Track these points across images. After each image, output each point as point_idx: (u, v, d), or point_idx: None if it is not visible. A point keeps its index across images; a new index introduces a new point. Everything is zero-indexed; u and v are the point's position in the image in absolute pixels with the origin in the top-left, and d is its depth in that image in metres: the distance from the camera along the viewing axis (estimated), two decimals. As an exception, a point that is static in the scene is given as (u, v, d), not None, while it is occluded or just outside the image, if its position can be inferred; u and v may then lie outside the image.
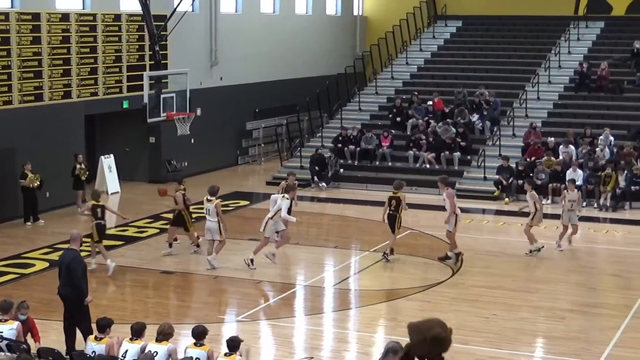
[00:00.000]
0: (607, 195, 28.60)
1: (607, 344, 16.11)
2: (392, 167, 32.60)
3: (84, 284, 14.71)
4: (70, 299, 14.70)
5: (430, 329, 9.07)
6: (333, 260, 22.85)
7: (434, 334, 8.97)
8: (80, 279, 14.56)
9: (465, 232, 25.21)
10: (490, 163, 31.12)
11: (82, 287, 14.62)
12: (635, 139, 31.14)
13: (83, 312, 14.71)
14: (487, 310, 18.05)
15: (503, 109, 34.24)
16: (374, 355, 15.85)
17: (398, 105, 34.70)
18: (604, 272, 22.02)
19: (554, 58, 36.97)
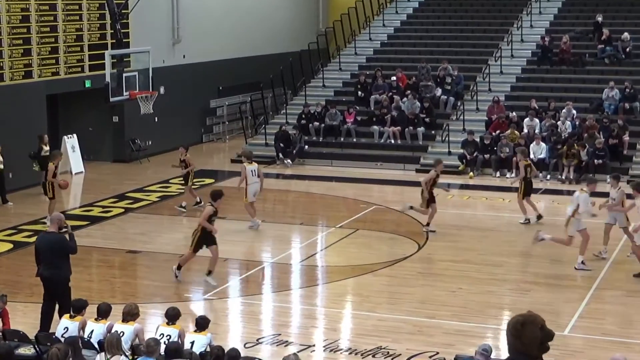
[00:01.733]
0: (570, 168, 28.80)
1: (572, 315, 16.28)
2: (356, 143, 32.64)
3: (68, 266, 14.64)
4: (54, 281, 14.60)
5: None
6: (299, 237, 22.87)
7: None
8: (64, 261, 14.48)
9: (430, 207, 25.32)
10: (455, 137, 31.24)
11: (66, 269, 14.56)
12: (597, 111, 31.36)
13: (66, 294, 14.60)
14: (454, 284, 18.16)
15: (466, 84, 34.34)
16: (341, 331, 15.94)
17: (362, 81, 34.70)
18: (568, 244, 22.16)
19: (517, 32, 37.09)
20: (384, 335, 15.27)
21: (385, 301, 17.37)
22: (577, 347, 14.79)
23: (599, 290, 17.82)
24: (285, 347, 14.69)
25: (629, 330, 15.65)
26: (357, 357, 14.39)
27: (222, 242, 21.28)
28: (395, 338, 15.10)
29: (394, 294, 17.78)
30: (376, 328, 15.70)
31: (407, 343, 14.87)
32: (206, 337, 12.43)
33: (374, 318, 16.31)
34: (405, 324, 15.87)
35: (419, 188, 27.31)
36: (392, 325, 15.85)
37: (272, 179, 29.48)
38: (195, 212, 23.54)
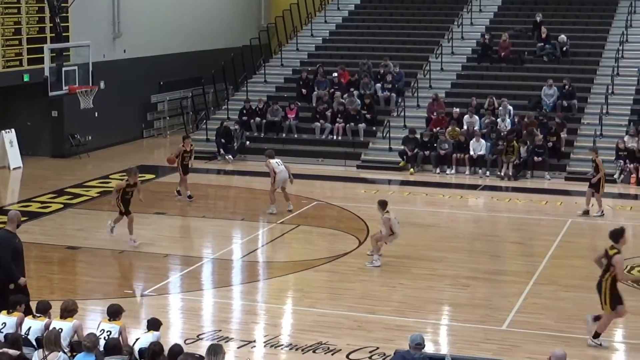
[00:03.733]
0: (510, 165, 29.11)
1: (510, 310, 16.46)
2: (298, 138, 32.65)
3: (16, 266, 14.14)
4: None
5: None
6: (240, 233, 22.84)
7: None
8: (9, 261, 14.01)
9: (371, 203, 25.41)
10: (395, 134, 31.39)
11: (12, 269, 14.06)
12: (536, 109, 31.73)
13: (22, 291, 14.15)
14: (393, 280, 18.27)
15: (407, 80, 34.50)
16: (282, 326, 15.96)
17: (304, 77, 34.71)
18: (507, 239, 22.46)
19: (457, 29, 37.36)
20: (324, 330, 15.31)
21: (326, 297, 17.42)
22: (515, 342, 14.97)
23: (536, 285, 18.04)
24: (225, 342, 14.65)
25: (566, 324, 15.84)
26: (297, 352, 14.42)
27: (162, 238, 21.31)
28: (335, 333, 15.15)
29: (334, 290, 17.84)
30: (317, 323, 15.74)
31: (348, 338, 14.93)
32: (153, 335, 12.33)
33: (315, 314, 16.34)
34: (346, 320, 15.94)
35: (359, 184, 27.54)
36: (332, 320, 15.90)
37: (212, 174, 29.46)
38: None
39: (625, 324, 16.14)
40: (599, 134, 30.18)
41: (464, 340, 15.06)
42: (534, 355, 13.51)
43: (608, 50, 35.02)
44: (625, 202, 26.28)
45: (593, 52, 35.27)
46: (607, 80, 32.80)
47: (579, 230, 22.79)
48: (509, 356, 14.01)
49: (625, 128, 30.20)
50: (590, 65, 34.56)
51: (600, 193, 24.19)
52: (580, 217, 23.84)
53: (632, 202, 26.44)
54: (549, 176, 29.07)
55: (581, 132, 31.00)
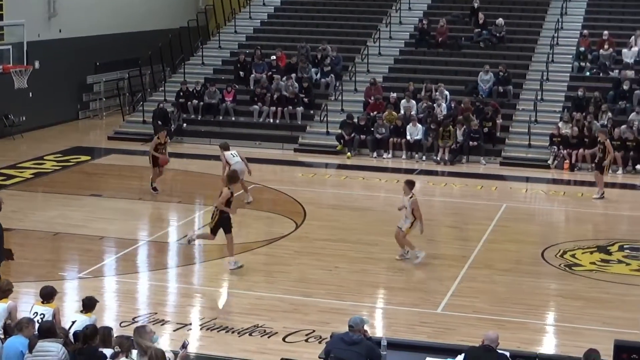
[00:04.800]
0: (446, 150, 29.35)
1: (445, 294, 16.63)
2: (235, 121, 32.57)
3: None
4: None
5: None
6: (177, 216, 22.74)
7: None
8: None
9: (308, 187, 25.54)
10: (333, 118, 31.45)
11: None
12: (473, 94, 32.00)
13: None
14: (330, 263, 18.34)
15: (345, 64, 34.57)
16: (218, 309, 15.95)
17: (241, 60, 34.58)
18: (442, 224, 22.63)
19: (395, 14, 37.49)
20: (260, 313, 15.34)
21: (263, 280, 17.44)
22: (450, 325, 15.13)
23: (471, 269, 18.23)
24: (161, 325, 14.62)
25: (500, 307, 16.05)
26: (233, 335, 14.43)
27: (97, 220, 21.16)
28: (272, 316, 15.19)
29: (271, 273, 17.87)
30: (253, 306, 15.76)
31: (284, 321, 14.97)
32: (90, 318, 12.20)
33: (251, 296, 16.36)
34: (282, 303, 15.98)
35: (296, 167, 27.60)
36: (269, 303, 15.93)
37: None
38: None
39: (556, 307, 16.42)
40: (534, 120, 30.55)
41: (400, 324, 15.19)
42: (468, 337, 13.64)
43: (543, 37, 35.43)
44: (559, 188, 26.67)
45: (529, 39, 35.66)
46: (542, 67, 33.19)
47: (513, 214, 23.06)
48: (443, 339, 14.14)
49: (559, 114, 30.59)
50: (525, 52, 34.94)
51: (603, 175, 24.81)
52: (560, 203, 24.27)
53: (565, 187, 26.82)
54: (484, 161, 29.37)
55: (516, 118, 31.34)
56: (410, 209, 18.26)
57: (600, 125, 29.18)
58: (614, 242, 20.31)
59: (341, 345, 10.93)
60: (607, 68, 32.98)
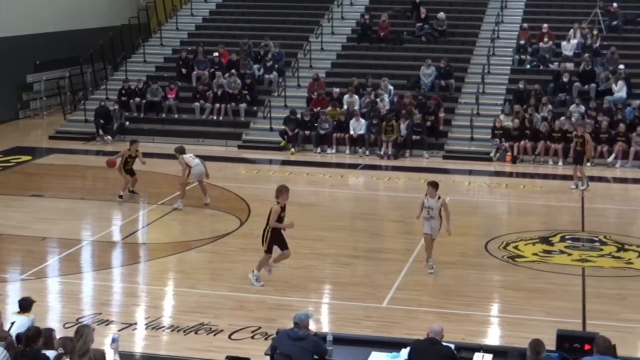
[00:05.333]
0: (389, 144, 29.47)
1: (390, 288, 16.70)
2: (178, 119, 32.43)
3: None
4: None
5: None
6: (120, 214, 22.56)
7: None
8: None
9: (252, 183, 25.50)
10: (276, 114, 31.43)
11: None
12: (415, 88, 32.16)
13: None
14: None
15: (288, 60, 34.56)
16: (163, 308, 15.87)
17: (183, 57, 34.43)
18: (387, 218, 22.74)
19: (337, 9, 37.55)
20: (206, 311, 15.30)
21: (208, 277, 17.40)
22: (395, 319, 15.20)
23: (416, 262, 18.32)
24: (106, 325, 14.52)
25: (444, 300, 16.16)
26: (179, 334, 14.37)
27: (40, 221, 20.93)
28: (217, 314, 15.15)
29: (216, 270, 17.83)
30: (198, 304, 15.71)
31: (230, 319, 14.94)
32: (28, 318, 12.10)
33: (196, 294, 16.30)
34: (228, 300, 15.94)
35: (240, 164, 27.57)
36: (214, 301, 15.89)
37: (92, 155, 29.02)
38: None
39: (500, 298, 16.58)
40: (476, 113, 30.79)
41: (345, 318, 15.22)
42: (413, 331, 13.71)
43: (484, 30, 35.73)
44: (501, 180, 26.91)
45: (469, 33, 35.93)
46: (483, 60, 33.47)
47: (456, 207, 23.10)
48: (389, 333, 14.22)
49: (501, 107, 30.89)
50: (467, 45, 35.21)
51: (583, 166, 25.18)
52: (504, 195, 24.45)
53: (507, 179, 27.06)
54: (428, 155, 29.55)
55: (458, 112, 31.58)
56: (437, 210, 17.48)
57: (541, 117, 29.52)
58: (556, 233, 20.56)
59: (287, 341, 10.94)
60: (547, 61, 33.35)
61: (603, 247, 19.52)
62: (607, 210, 23.66)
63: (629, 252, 19.18)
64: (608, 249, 19.37)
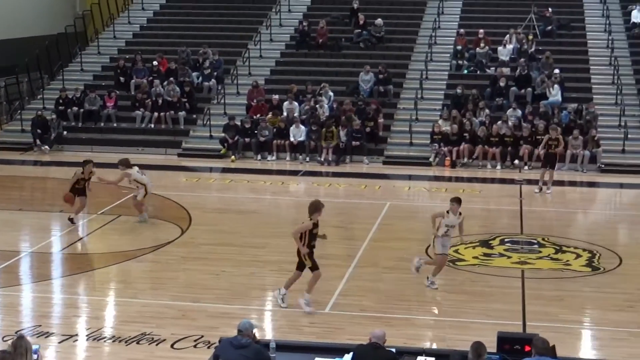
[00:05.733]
0: (329, 150, 29.56)
1: (332, 294, 16.73)
2: (117, 127, 32.24)
3: None
4: None
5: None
6: (59, 225, 22.32)
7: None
8: None
9: (193, 191, 25.42)
10: (216, 121, 31.40)
11: None
12: (354, 94, 32.30)
13: None
14: (217, 267, 18.28)
15: (227, 68, 34.53)
16: (105, 319, 15.73)
17: (121, 65, 34.22)
18: (328, 224, 22.56)
19: (275, 16, 37.60)
20: (148, 321, 15.19)
21: (149, 287, 17.29)
22: (338, 324, 15.23)
23: (357, 268, 18.40)
24: (46, 338, 14.35)
25: (386, 305, 16.24)
26: (121, 344, 14.25)
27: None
28: (159, 323, 15.06)
29: (157, 279, 17.72)
30: (140, 314, 15.60)
31: (172, 328, 14.86)
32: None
33: (138, 304, 16.18)
34: (170, 309, 15.85)
35: (180, 172, 27.44)
36: (156, 310, 15.79)
37: (29, 166, 28.71)
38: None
39: (441, 302, 16.70)
40: (415, 118, 31.03)
41: (288, 325, 15.22)
42: (356, 336, 13.75)
43: (421, 36, 36.03)
44: (441, 184, 27.16)
45: (407, 39, 36.20)
46: (421, 66, 33.74)
47: (396, 212, 23.37)
48: (332, 338, 14.24)
49: (439, 112, 31.16)
50: (404, 51, 35.47)
51: (554, 169, 25.61)
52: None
53: (446, 184, 27.31)
54: (368, 160, 29.71)
55: (397, 117, 31.81)
56: (456, 227, 16.93)
57: (479, 122, 29.82)
58: (495, 236, 20.78)
59: (230, 350, 10.92)
60: (483, 66, 33.72)
61: (541, 249, 19.77)
62: (545, 213, 23.98)
63: (567, 253, 19.45)
64: (546, 251, 19.62)
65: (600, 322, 15.56)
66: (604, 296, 16.80)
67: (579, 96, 31.86)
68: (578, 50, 35.06)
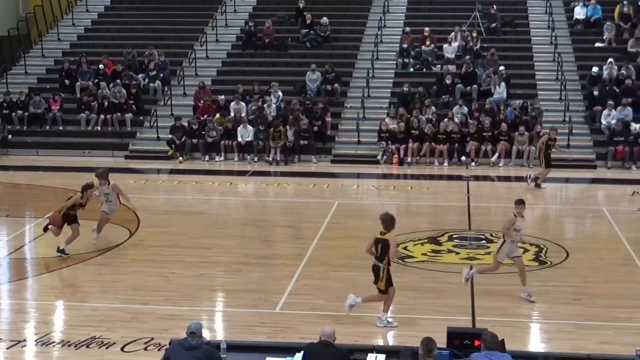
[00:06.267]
0: (277, 150, 29.55)
1: (282, 293, 16.73)
2: (63, 131, 31.96)
3: None
4: None
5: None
6: (6, 230, 22.09)
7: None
8: None
9: (141, 193, 25.24)
10: (163, 123, 31.25)
11: None
12: (301, 94, 32.33)
13: None
14: (166, 269, 18.18)
15: (173, 69, 34.39)
16: (54, 323, 15.59)
17: (66, 67, 33.93)
18: (277, 224, 22.80)
19: (221, 17, 37.51)
20: (97, 324, 15.08)
21: (98, 290, 17.16)
22: (289, 324, 15.23)
23: (307, 267, 18.41)
24: (-6, 344, 14.21)
25: (336, 303, 16.25)
26: (70, 349, 14.13)
27: None
28: (109, 327, 14.95)
29: (106, 283, 17.59)
30: (89, 318, 15.48)
31: (122, 331, 14.77)
32: None
33: (87, 308, 16.07)
34: (119, 312, 15.75)
35: (128, 174, 27.27)
36: (105, 314, 15.68)
37: (-26, 171, 28.36)
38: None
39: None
40: (362, 117, 31.12)
41: (239, 326, 15.19)
42: (306, 335, 13.75)
43: (367, 35, 36.16)
44: (389, 182, 27.27)
45: (353, 38, 36.31)
46: (367, 65, 33.86)
47: (345, 211, 23.42)
48: (282, 338, 14.24)
49: (386, 110, 31.28)
50: (351, 50, 35.58)
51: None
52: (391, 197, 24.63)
53: (394, 181, 27.44)
54: (316, 160, 29.76)
55: (345, 116, 31.88)
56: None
57: (426, 119, 29.99)
58: (444, 232, 20.91)
59: (180, 351, 10.89)
60: (429, 63, 33.92)
61: (489, 244, 19.91)
62: (492, 209, 24.17)
63: (514, 248, 19.61)
64: (494, 247, 19.72)
65: (548, 315, 15.73)
66: (551, 290, 16.99)
67: (524, 92, 32.18)
68: (522, 47, 35.40)
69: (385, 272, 14.85)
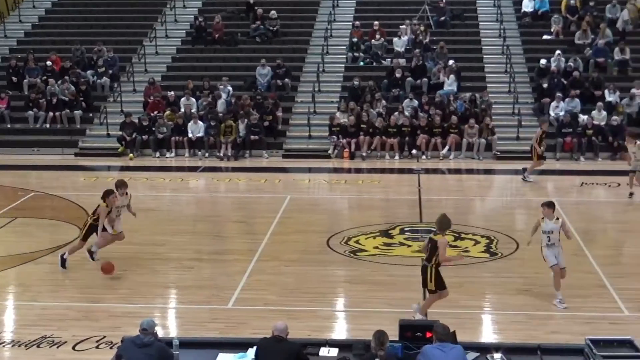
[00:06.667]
0: (228, 145, 29.49)
1: (235, 289, 16.71)
2: (11, 128, 31.63)
3: None
4: None
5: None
6: (-46, 230, 21.86)
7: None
8: None
9: (91, 191, 25.03)
10: (113, 119, 31.04)
11: None
12: (252, 88, 32.29)
13: None
14: (118, 266, 18.05)
15: (122, 65, 34.17)
16: (4, 323, 15.45)
17: (13, 65, 33.56)
18: (229, 219, 22.77)
19: (170, 12, 37.33)
20: (48, 324, 14.96)
21: (49, 289, 17.01)
22: (241, 319, 15.22)
23: (259, 262, 18.40)
24: (-57, 345, 14.04)
25: (289, 298, 16.29)
26: (20, 349, 14.02)
27: None
28: (60, 326, 14.85)
29: (57, 281, 17.45)
30: (40, 317, 15.36)
31: (73, 329, 14.67)
32: None
33: (38, 307, 15.93)
34: (70, 311, 15.64)
35: (78, 172, 27.05)
36: (56, 313, 15.56)
37: None
38: None
39: (343, 293, 16.82)
40: (313, 111, 31.15)
41: (191, 322, 15.16)
42: (259, 330, 13.77)
43: (317, 29, 36.20)
44: (340, 176, 27.33)
45: (303, 32, 36.32)
46: (317, 59, 33.89)
47: (297, 205, 23.45)
48: (235, 333, 14.24)
49: (337, 104, 31.33)
50: (301, 44, 35.59)
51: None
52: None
53: (346, 175, 27.51)
54: (267, 154, 29.74)
55: (295, 110, 31.89)
56: (558, 234, 15.74)
57: (377, 113, 30.09)
58: (395, 225, 21.00)
59: (133, 349, 10.84)
60: (379, 57, 34.03)
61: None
62: (443, 201, 24.30)
63: (465, 240, 19.76)
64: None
65: (499, 306, 15.87)
66: (502, 281, 17.14)
67: (473, 85, 32.40)
68: (471, 40, 35.62)
69: (433, 273, 14.44)
